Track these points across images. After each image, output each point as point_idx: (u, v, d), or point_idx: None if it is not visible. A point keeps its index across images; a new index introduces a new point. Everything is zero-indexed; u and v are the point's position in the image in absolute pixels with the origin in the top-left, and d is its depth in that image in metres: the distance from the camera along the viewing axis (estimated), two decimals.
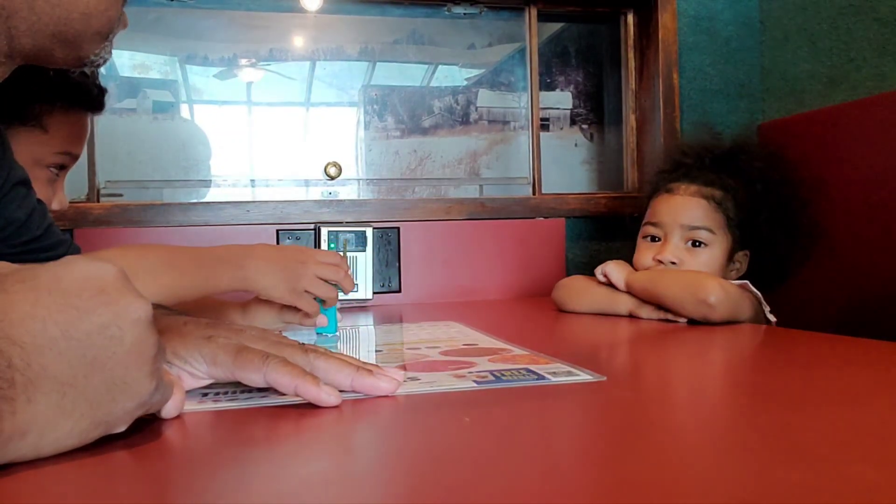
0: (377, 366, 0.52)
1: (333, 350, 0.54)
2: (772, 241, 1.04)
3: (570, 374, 0.56)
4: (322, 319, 0.83)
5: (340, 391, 0.47)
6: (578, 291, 1.08)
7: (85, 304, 0.35)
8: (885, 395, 0.49)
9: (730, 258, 1.03)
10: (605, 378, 0.54)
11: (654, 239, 1.05)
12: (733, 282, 0.97)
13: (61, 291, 0.35)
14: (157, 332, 0.38)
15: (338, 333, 0.86)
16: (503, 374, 0.56)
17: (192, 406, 0.46)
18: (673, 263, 1.01)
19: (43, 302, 0.34)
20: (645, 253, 1.04)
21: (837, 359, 0.66)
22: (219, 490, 0.33)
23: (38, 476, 0.33)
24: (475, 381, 0.54)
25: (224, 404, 0.48)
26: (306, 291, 0.79)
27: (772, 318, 0.96)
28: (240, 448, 0.39)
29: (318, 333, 0.85)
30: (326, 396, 0.46)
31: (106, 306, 0.35)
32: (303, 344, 0.51)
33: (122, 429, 0.37)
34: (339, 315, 0.86)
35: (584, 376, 0.55)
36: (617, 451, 0.38)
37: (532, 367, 0.59)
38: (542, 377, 0.55)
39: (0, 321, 0.33)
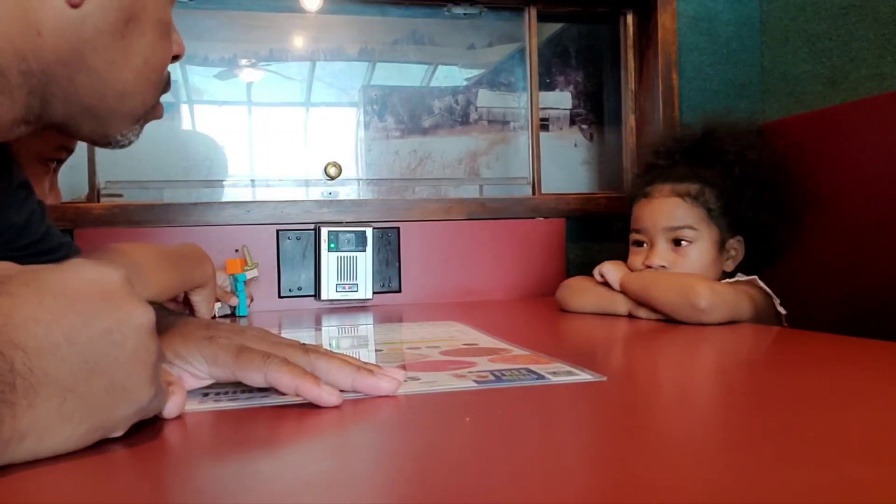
0: (378, 366, 0.52)
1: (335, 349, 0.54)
2: (759, 220, 1.03)
3: (570, 374, 0.56)
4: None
5: (341, 391, 0.47)
6: (579, 291, 1.08)
7: (89, 309, 0.35)
8: (885, 395, 0.49)
9: (721, 248, 1.03)
10: (605, 378, 0.54)
11: (641, 244, 1.06)
12: (741, 278, 0.97)
13: (66, 296, 0.35)
14: (158, 336, 0.38)
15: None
16: (504, 374, 0.56)
17: (192, 406, 0.46)
18: (663, 267, 1.01)
19: (47, 306, 0.34)
20: (635, 259, 1.06)
21: (838, 359, 0.66)
22: (219, 490, 0.33)
23: (38, 476, 0.33)
24: (475, 381, 0.54)
25: (224, 404, 0.48)
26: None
27: (781, 310, 0.96)
28: (240, 448, 0.39)
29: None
30: (327, 396, 0.46)
31: (110, 312, 0.35)
32: (304, 344, 0.51)
33: (119, 433, 0.37)
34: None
35: (584, 376, 0.55)
36: (617, 451, 0.38)
37: (532, 367, 0.59)
38: (542, 377, 0.55)
39: (4, 324, 0.33)
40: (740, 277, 0.97)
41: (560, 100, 1.72)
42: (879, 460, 0.34)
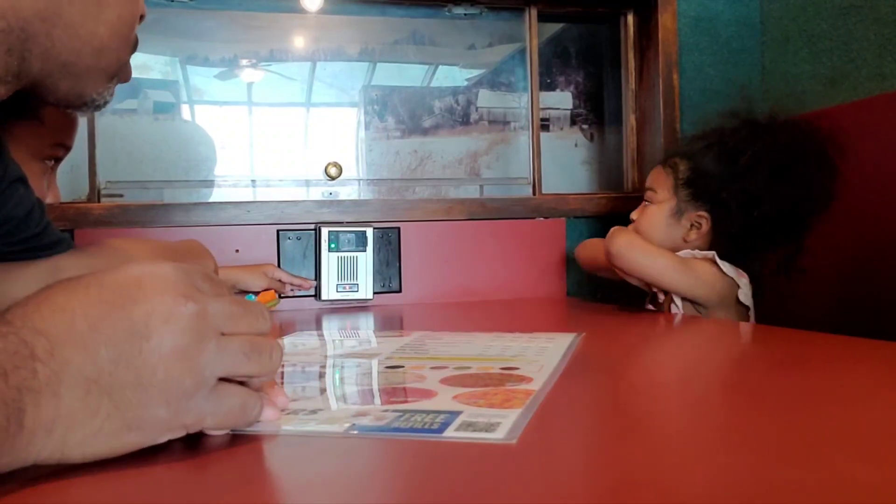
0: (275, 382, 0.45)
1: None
2: (726, 204, 1.02)
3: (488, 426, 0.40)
4: None
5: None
6: (592, 247, 1.25)
7: (117, 299, 0.34)
8: (885, 395, 0.49)
9: (679, 216, 1.07)
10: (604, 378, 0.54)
11: None
12: (695, 253, 1.03)
13: (98, 286, 0.35)
14: (216, 338, 0.35)
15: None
16: (407, 420, 0.42)
17: None
18: (631, 221, 1.13)
19: (78, 296, 0.34)
20: None
21: (837, 359, 0.66)
22: (219, 490, 0.33)
23: (36, 475, 0.33)
24: (353, 426, 0.41)
25: None
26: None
27: (744, 299, 0.98)
28: (240, 448, 0.39)
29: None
30: (272, 414, 0.41)
31: (137, 303, 0.34)
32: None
33: (162, 440, 0.35)
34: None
35: (494, 435, 0.38)
36: (617, 451, 0.38)
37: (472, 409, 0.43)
38: (445, 427, 0.40)
39: (32, 313, 0.33)
40: (695, 253, 1.03)
41: (560, 100, 1.72)
42: (879, 460, 0.34)
